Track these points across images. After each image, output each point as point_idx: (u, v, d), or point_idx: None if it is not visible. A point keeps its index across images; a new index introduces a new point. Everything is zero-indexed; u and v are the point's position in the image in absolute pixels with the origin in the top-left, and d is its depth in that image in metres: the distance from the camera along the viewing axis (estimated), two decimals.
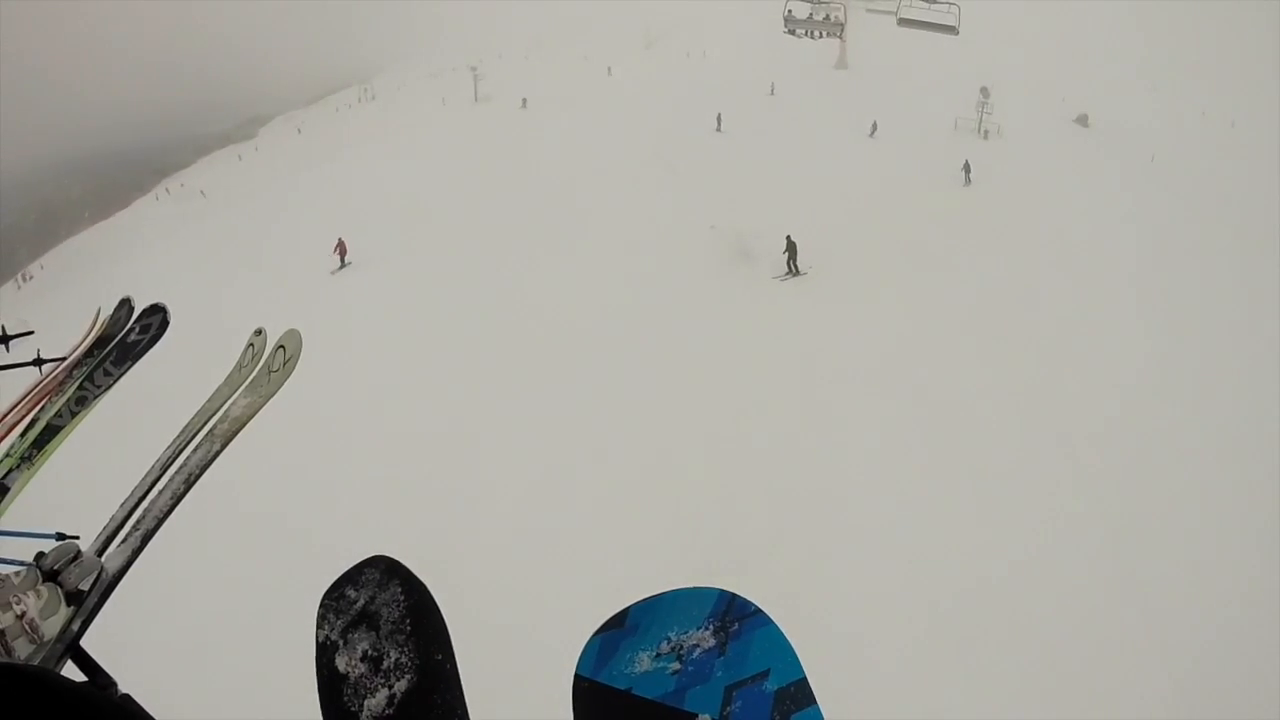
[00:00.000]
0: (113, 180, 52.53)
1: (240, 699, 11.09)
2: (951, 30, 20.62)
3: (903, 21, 22.08)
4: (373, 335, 21.35)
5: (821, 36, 24.12)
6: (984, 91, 36.20)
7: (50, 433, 2.54)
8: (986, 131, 35.91)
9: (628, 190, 30.41)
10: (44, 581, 1.68)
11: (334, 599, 1.20)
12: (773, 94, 42.16)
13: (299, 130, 52.95)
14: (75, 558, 1.71)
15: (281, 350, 2.38)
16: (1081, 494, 15.46)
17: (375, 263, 26.62)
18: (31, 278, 39.10)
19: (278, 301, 23.14)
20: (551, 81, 48.28)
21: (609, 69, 49.72)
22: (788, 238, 24.33)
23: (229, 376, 2.41)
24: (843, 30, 24.91)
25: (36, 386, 2.73)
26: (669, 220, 27.81)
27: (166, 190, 46.72)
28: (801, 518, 15.03)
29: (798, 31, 23.71)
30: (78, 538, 1.82)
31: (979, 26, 49.99)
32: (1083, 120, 39.08)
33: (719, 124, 36.46)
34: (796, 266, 24.22)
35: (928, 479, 15.86)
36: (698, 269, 24.76)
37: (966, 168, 30.67)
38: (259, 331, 2.53)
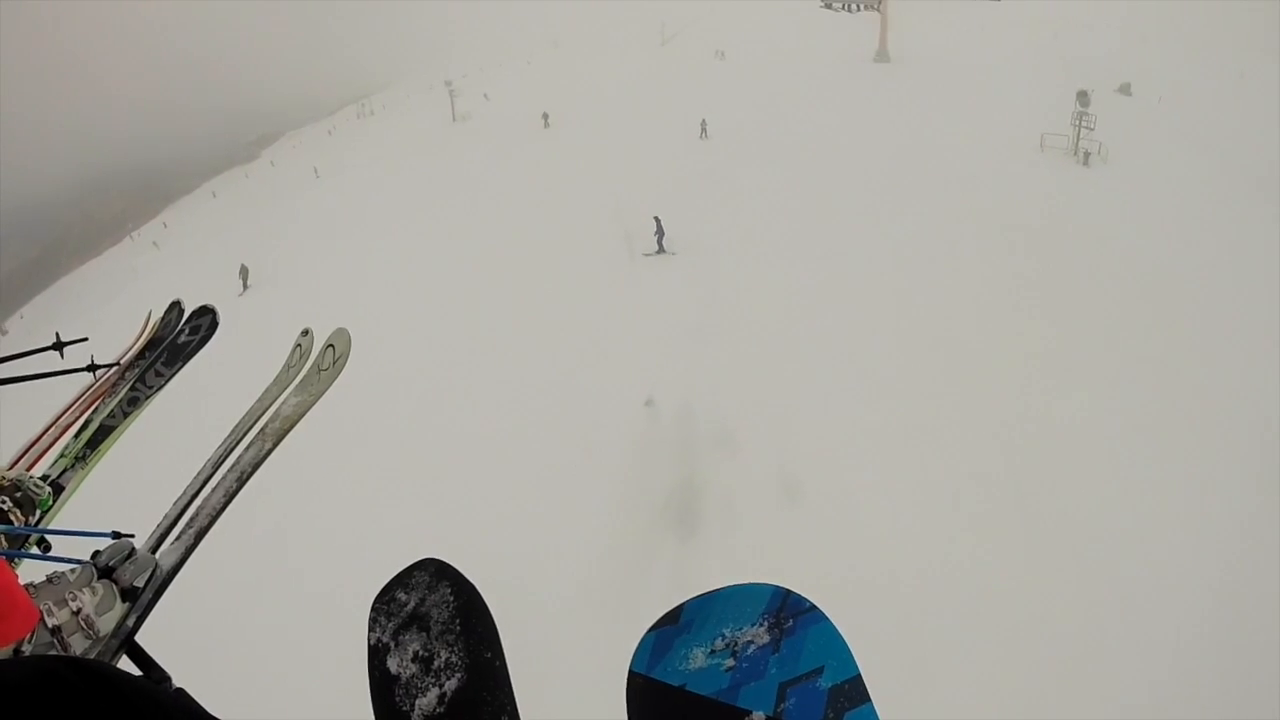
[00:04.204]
0: (123, 205, 53.18)
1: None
2: None
3: None
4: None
5: (859, 9, 23.15)
6: (1082, 98, 26.88)
7: (103, 433, 2.61)
8: (1086, 154, 26.24)
9: (552, 311, 20.58)
10: (99, 579, 1.72)
11: (385, 602, 1.23)
12: (704, 137, 31.02)
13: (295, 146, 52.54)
14: (130, 555, 1.75)
15: (331, 349, 2.41)
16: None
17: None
18: (6, 332, 37.63)
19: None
20: (525, 95, 41.92)
21: (547, 118, 37.48)
22: None
23: (278, 376, 2.45)
24: (881, 2, 23.69)
25: (90, 389, 2.81)
26: (591, 379, 17.55)
27: (156, 227, 46.71)
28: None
29: (834, 5, 22.93)
30: (133, 536, 1.86)
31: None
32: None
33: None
34: None
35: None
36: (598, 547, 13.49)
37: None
38: (306, 332, 2.57)
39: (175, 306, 3.05)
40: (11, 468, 2.39)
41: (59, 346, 2.39)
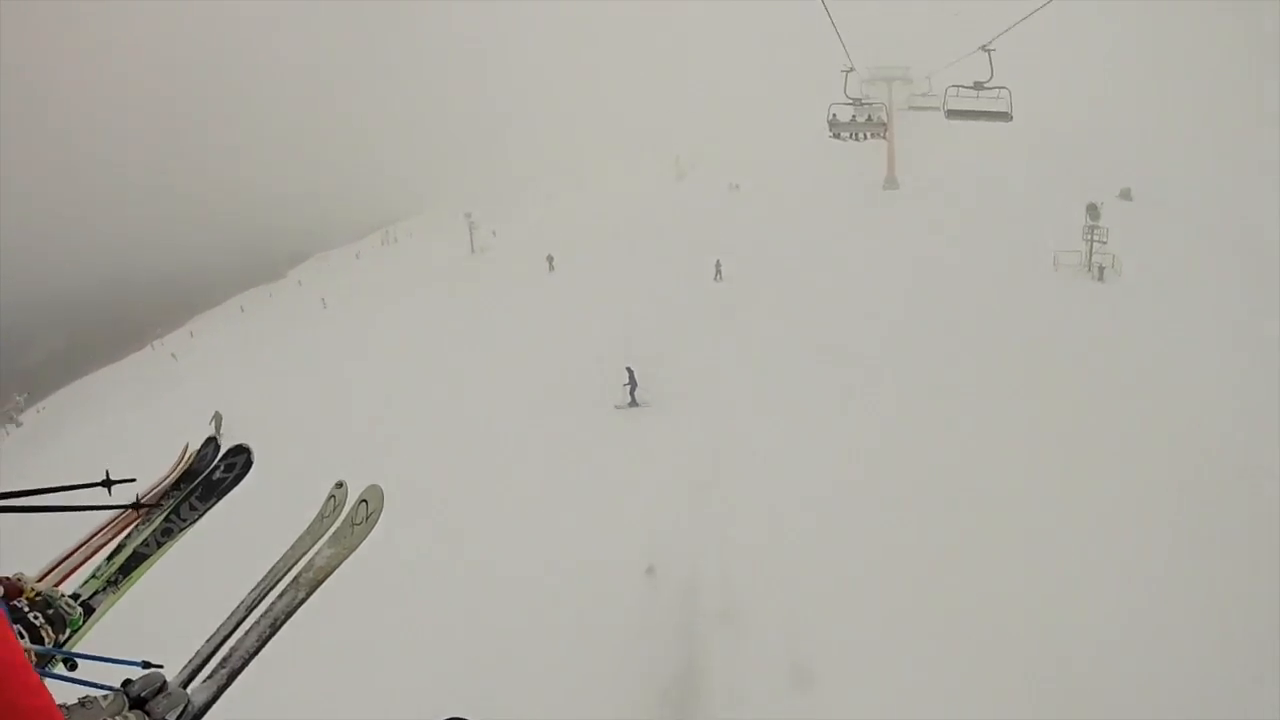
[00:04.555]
0: (151, 310, 54.67)
1: None
2: (1005, 118, 19.30)
3: (951, 114, 19.43)
4: None
5: (866, 138, 24.22)
6: (1092, 211, 27.06)
7: (136, 560, 2.78)
8: (1101, 268, 26.36)
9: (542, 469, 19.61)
10: (131, 708, 1.86)
11: None
12: (719, 279, 30.75)
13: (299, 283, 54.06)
14: (162, 688, 1.90)
15: (364, 504, 2.59)
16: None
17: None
18: (21, 424, 38.38)
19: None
20: (539, 232, 43.12)
21: (551, 260, 38.13)
22: None
23: (310, 526, 2.61)
24: (885, 130, 24.89)
25: (125, 513, 2.98)
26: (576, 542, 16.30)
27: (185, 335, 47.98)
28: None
29: (843, 135, 23.93)
30: (162, 667, 2.01)
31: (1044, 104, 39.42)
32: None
33: None
34: None
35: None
36: None
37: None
38: (340, 484, 2.75)
39: (211, 442, 3.24)
40: (41, 579, 2.54)
41: (108, 485, 2.55)
